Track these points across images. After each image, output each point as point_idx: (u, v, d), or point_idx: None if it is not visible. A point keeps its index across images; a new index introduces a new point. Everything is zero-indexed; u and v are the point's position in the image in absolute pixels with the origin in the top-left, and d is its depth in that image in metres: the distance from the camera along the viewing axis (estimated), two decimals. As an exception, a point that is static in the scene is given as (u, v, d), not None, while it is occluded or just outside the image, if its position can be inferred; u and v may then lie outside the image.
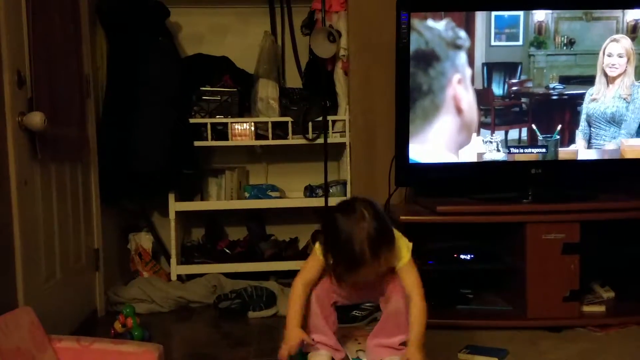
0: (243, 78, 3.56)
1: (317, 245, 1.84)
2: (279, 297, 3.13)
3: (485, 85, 2.84)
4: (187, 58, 3.60)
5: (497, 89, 2.84)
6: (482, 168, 2.88)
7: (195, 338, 2.78)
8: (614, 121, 2.84)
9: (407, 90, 2.79)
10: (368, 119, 3.28)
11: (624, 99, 2.82)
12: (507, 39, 2.82)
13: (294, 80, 3.73)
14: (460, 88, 2.81)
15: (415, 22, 2.77)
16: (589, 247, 2.69)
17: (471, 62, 2.80)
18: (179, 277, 3.48)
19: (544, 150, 2.86)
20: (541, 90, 2.85)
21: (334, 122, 3.48)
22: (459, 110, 2.82)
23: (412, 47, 2.77)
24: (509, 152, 2.86)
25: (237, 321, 2.96)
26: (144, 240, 3.58)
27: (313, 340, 1.88)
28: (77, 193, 2.83)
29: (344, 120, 3.43)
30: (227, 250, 3.60)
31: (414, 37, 2.77)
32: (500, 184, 2.92)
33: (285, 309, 2.99)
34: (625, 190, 2.96)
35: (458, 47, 2.79)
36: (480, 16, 2.79)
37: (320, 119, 3.42)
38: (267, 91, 3.45)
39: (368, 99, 3.27)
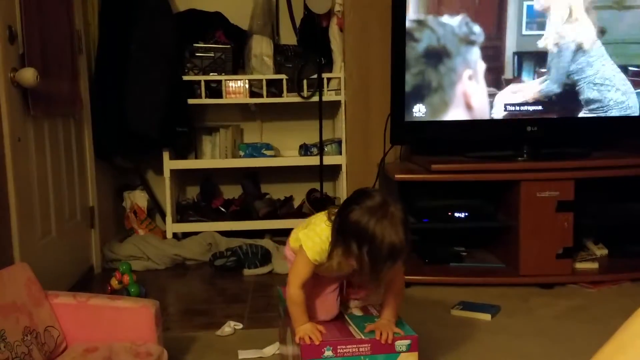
0: (237, 34, 3.51)
1: (306, 246, 1.75)
2: (273, 255, 3.15)
3: (516, 74, 2.82)
4: (179, 14, 3.53)
5: (528, 78, 2.83)
6: (477, 126, 2.87)
7: (191, 294, 2.81)
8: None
9: (403, 47, 2.75)
10: (363, 76, 3.25)
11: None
12: (538, 28, 2.79)
13: (288, 36, 3.68)
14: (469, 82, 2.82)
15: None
16: (583, 204, 2.71)
17: (501, 52, 2.80)
18: (175, 235, 3.49)
19: (540, 107, 2.85)
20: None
21: (329, 79, 3.45)
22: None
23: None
24: (505, 110, 2.85)
25: (232, 278, 2.98)
26: (139, 198, 3.58)
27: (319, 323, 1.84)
28: (70, 150, 2.82)
29: (339, 77, 3.40)
30: (222, 209, 3.61)
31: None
32: (496, 142, 2.92)
33: (280, 267, 3.04)
34: (621, 148, 2.96)
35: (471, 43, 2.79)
36: (512, 4, 2.77)
37: (315, 76, 3.39)
38: (261, 48, 3.41)
39: (364, 56, 3.23)
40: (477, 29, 2.77)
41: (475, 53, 2.79)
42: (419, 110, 2.81)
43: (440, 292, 2.65)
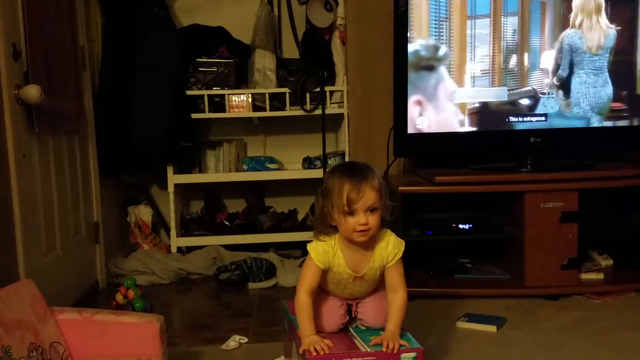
0: (239, 49, 3.53)
1: (310, 248, 1.80)
2: (278, 269, 3.15)
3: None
4: (182, 29, 3.56)
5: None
6: (481, 137, 2.87)
7: (196, 309, 2.80)
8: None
9: (406, 60, 2.77)
10: (366, 89, 3.26)
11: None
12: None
13: (291, 50, 3.70)
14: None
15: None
16: (588, 215, 2.70)
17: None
18: (179, 249, 3.49)
19: (543, 118, 2.86)
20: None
21: (331, 92, 3.46)
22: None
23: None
24: (508, 121, 2.85)
25: (237, 292, 2.98)
26: (144, 213, 3.59)
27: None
28: (75, 166, 2.83)
29: (342, 90, 3.41)
30: (227, 223, 3.61)
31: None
32: (500, 153, 2.92)
33: (284, 280, 3.04)
34: (626, 158, 2.96)
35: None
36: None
37: (318, 89, 3.40)
38: (264, 62, 3.43)
39: (366, 69, 3.24)
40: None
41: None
42: (422, 123, 2.82)
43: (446, 304, 2.64)
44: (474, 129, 2.85)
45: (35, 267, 2.27)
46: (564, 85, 2.84)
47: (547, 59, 2.82)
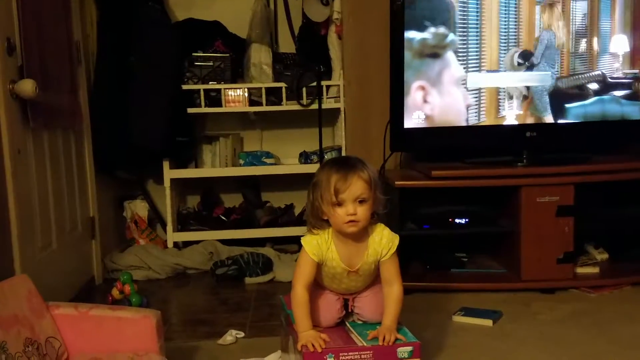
0: (235, 43, 3.52)
1: (304, 242, 1.80)
2: (275, 263, 3.15)
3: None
4: (177, 23, 3.55)
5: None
6: (477, 132, 2.87)
7: (192, 304, 2.80)
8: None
9: (402, 54, 2.76)
10: (362, 83, 3.25)
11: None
12: None
13: (287, 45, 3.69)
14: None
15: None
16: (583, 209, 2.71)
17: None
18: (175, 244, 3.49)
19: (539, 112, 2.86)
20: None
21: (328, 87, 3.45)
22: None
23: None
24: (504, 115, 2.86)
25: (234, 287, 2.98)
26: (140, 208, 3.58)
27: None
28: (70, 161, 2.82)
29: (338, 85, 3.40)
30: (223, 217, 3.61)
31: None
32: (496, 148, 2.92)
33: (281, 275, 3.04)
34: (621, 152, 2.96)
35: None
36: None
37: (314, 84, 3.39)
38: (260, 56, 3.42)
39: (362, 64, 3.24)
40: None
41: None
42: (419, 117, 2.82)
43: (442, 298, 2.65)
44: (470, 123, 2.85)
45: (31, 263, 2.27)
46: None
47: (617, 43, 2.83)
